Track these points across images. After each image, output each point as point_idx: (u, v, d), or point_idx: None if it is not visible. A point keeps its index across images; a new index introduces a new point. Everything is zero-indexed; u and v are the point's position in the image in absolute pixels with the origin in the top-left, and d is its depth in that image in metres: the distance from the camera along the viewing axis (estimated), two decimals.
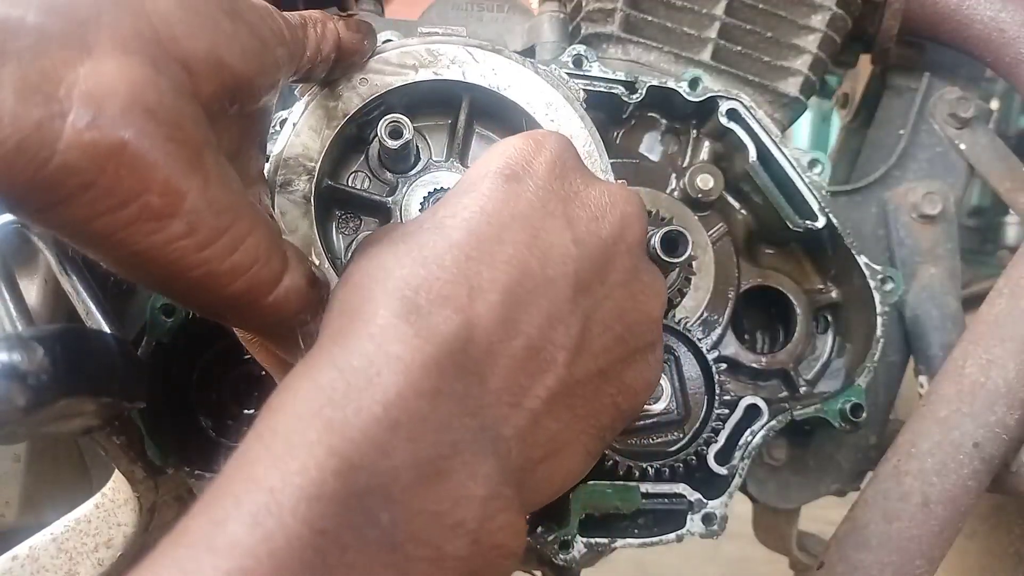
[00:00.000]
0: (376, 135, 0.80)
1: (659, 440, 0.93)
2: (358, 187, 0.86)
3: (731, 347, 1.03)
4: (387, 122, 0.79)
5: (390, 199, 0.84)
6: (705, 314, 1.01)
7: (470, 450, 0.53)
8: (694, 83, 0.98)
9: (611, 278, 0.64)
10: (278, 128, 0.85)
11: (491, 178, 0.62)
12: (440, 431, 0.52)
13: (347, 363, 0.52)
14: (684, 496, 0.92)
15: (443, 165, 0.85)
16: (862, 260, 1.01)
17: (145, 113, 0.48)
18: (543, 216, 0.61)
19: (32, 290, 0.78)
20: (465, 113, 0.86)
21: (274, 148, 0.80)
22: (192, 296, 0.55)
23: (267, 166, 0.78)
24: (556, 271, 0.60)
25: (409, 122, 0.79)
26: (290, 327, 0.62)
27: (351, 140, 0.85)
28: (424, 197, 0.82)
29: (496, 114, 0.87)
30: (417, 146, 0.86)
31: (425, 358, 0.53)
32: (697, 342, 0.94)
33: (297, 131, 0.80)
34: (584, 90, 0.93)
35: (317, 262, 0.77)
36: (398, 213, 0.83)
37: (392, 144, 0.79)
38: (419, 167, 0.86)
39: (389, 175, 0.86)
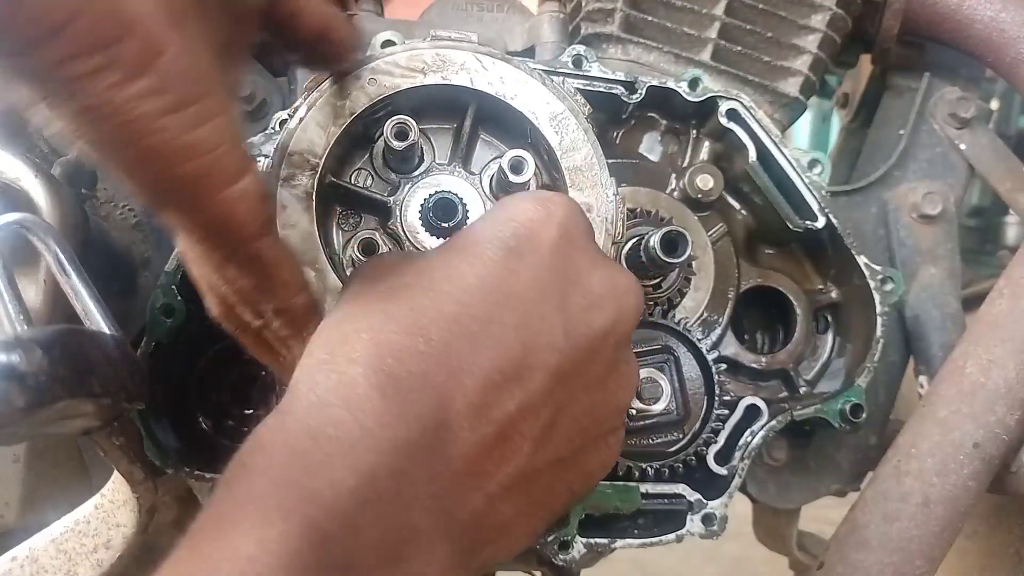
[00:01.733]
0: (382, 135, 0.81)
1: (659, 440, 0.93)
2: (360, 185, 0.86)
3: (731, 347, 1.03)
4: (394, 123, 0.80)
5: (391, 199, 0.84)
6: (705, 314, 1.01)
7: (428, 534, 0.53)
8: (694, 83, 0.98)
9: (591, 372, 0.63)
10: (278, 128, 0.85)
11: (494, 247, 0.60)
12: (403, 513, 0.52)
13: (323, 431, 0.52)
14: (684, 496, 0.92)
15: (446, 169, 0.86)
16: (862, 260, 1.00)
17: None
18: (539, 299, 0.60)
19: (32, 291, 0.78)
20: (471, 119, 0.87)
21: (278, 142, 0.80)
22: (140, 168, 0.52)
23: (271, 159, 0.79)
24: (539, 361, 0.59)
25: (415, 124, 0.80)
26: (232, 243, 0.59)
27: (356, 138, 0.85)
28: (424, 199, 0.82)
29: (501, 122, 0.88)
30: (421, 148, 0.86)
31: (396, 438, 0.53)
32: (697, 342, 0.94)
33: (304, 126, 0.80)
34: (584, 90, 0.93)
35: (315, 257, 0.77)
36: (398, 213, 0.83)
37: (397, 145, 0.80)
38: (422, 169, 0.86)
39: (392, 175, 0.86)
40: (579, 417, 0.63)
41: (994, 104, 2.04)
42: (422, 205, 0.82)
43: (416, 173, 0.86)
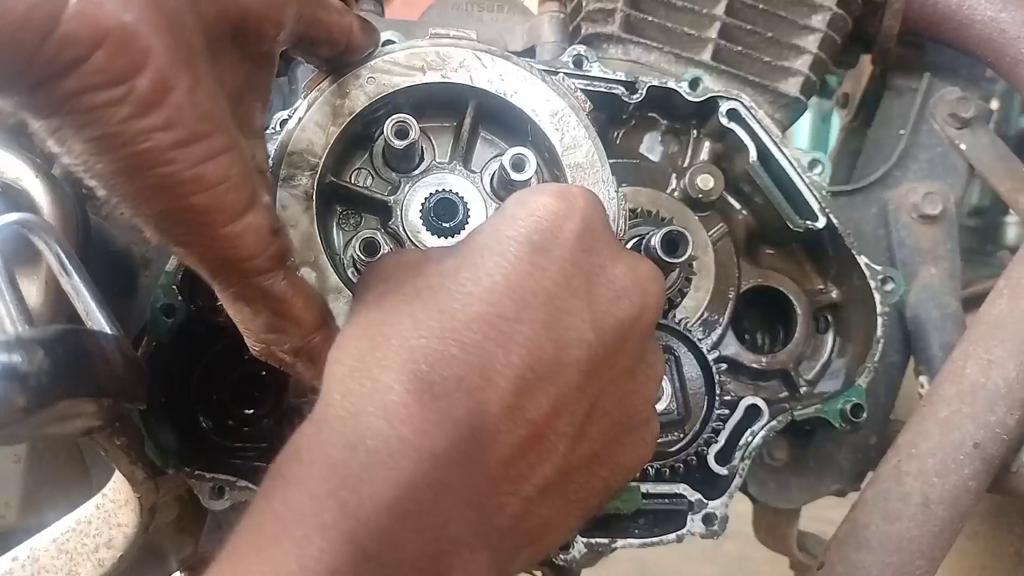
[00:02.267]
0: (382, 134, 0.80)
1: (660, 440, 0.93)
2: (360, 184, 0.86)
3: (731, 347, 1.03)
4: (393, 122, 0.79)
5: (392, 198, 0.84)
6: (705, 314, 1.01)
7: (468, 544, 0.53)
8: (694, 83, 0.98)
9: (620, 363, 0.63)
10: (278, 128, 0.85)
11: (518, 245, 0.60)
12: (442, 524, 0.52)
13: (360, 442, 0.52)
14: (684, 496, 0.92)
15: (446, 167, 0.85)
16: (862, 260, 1.00)
17: (148, 1, 0.49)
18: (565, 294, 0.59)
19: (33, 291, 0.78)
20: (471, 117, 0.86)
21: (278, 142, 0.80)
22: (148, 199, 0.53)
23: (270, 159, 0.79)
24: (570, 356, 0.58)
25: (415, 123, 0.80)
26: (240, 279, 0.60)
27: (356, 137, 0.85)
28: (425, 198, 0.82)
29: (502, 120, 0.87)
30: (422, 146, 0.86)
31: (435, 447, 0.52)
32: (697, 342, 0.94)
33: (302, 126, 0.80)
34: (584, 90, 0.93)
35: (316, 257, 0.77)
36: (399, 212, 0.83)
37: (398, 144, 0.79)
38: (422, 168, 0.85)
39: (392, 174, 0.86)
40: (611, 410, 0.63)
41: (994, 104, 2.04)
42: (423, 204, 0.82)
43: (416, 172, 0.85)
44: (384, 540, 0.49)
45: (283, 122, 0.82)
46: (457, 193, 0.83)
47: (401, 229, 0.82)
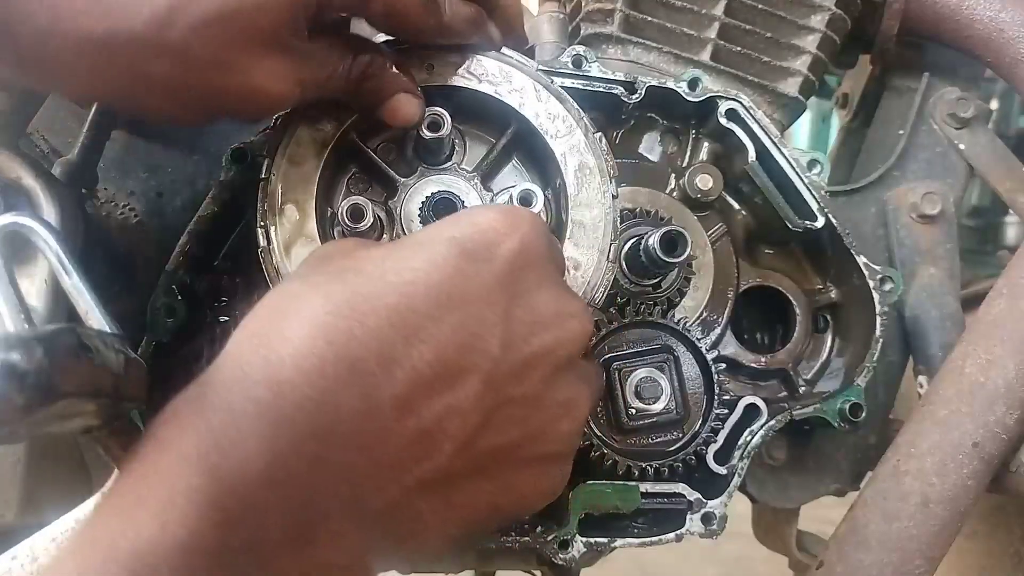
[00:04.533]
0: None
1: (658, 440, 0.93)
2: (382, 157, 0.87)
3: (730, 347, 1.03)
4: (429, 113, 0.82)
5: (404, 180, 0.86)
6: (704, 314, 1.01)
7: (338, 519, 0.54)
8: (693, 83, 0.98)
9: (525, 386, 0.62)
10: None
11: (449, 247, 0.61)
12: (314, 497, 0.52)
13: (240, 408, 0.52)
14: (684, 496, 0.92)
15: (467, 175, 0.87)
16: (861, 260, 1.01)
17: None
18: (482, 305, 0.60)
19: (32, 290, 0.78)
20: (507, 139, 0.89)
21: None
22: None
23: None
24: (471, 364, 0.59)
25: (449, 120, 0.82)
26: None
27: None
28: (431, 193, 0.83)
29: (535, 155, 0.90)
30: (453, 144, 0.88)
31: (315, 424, 0.53)
32: (696, 342, 0.94)
33: None
34: (584, 90, 0.93)
35: (306, 200, 0.80)
36: (403, 196, 0.85)
37: (427, 135, 0.82)
38: (446, 165, 0.88)
39: (415, 160, 0.88)
40: (509, 431, 0.62)
41: (994, 104, 2.04)
42: (426, 198, 0.83)
43: (439, 167, 0.87)
44: (250, 506, 0.50)
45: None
46: (463, 201, 0.84)
47: (398, 212, 0.84)
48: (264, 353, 0.54)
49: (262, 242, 0.80)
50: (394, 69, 0.80)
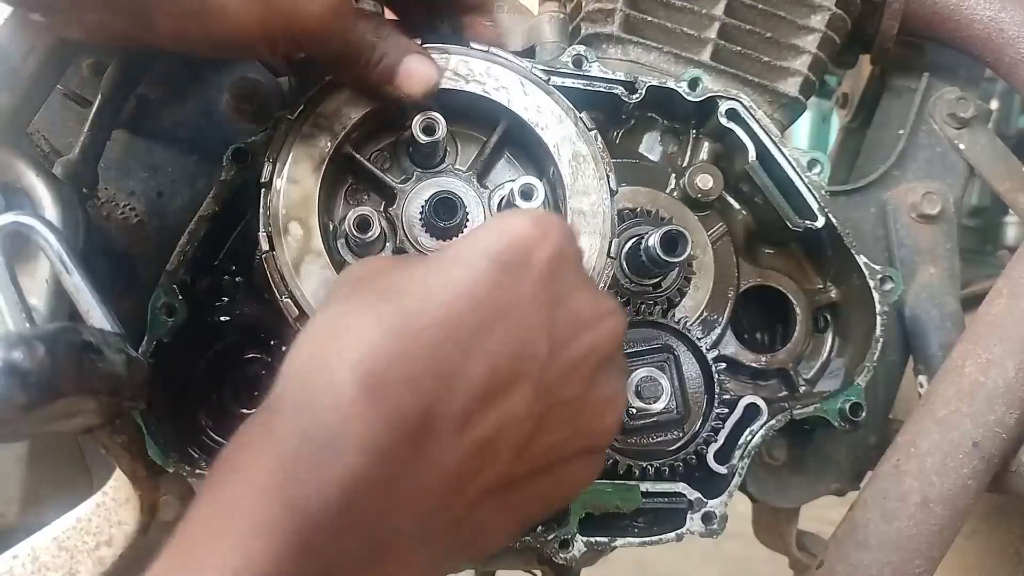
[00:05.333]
0: (411, 124, 0.83)
1: (659, 439, 0.93)
2: (377, 165, 0.88)
3: (731, 347, 1.04)
4: (423, 117, 0.82)
5: (401, 187, 0.86)
6: (705, 314, 1.01)
7: (408, 537, 0.55)
8: (694, 83, 0.99)
9: (572, 386, 0.64)
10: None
11: (488, 260, 0.62)
12: (386, 518, 0.54)
13: (310, 435, 0.53)
14: (684, 495, 0.92)
15: (462, 175, 0.87)
16: (861, 260, 1.01)
17: None
18: (527, 313, 0.61)
19: (34, 289, 0.78)
20: (498, 135, 0.89)
21: (310, 94, 0.83)
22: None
23: (293, 114, 0.82)
24: (523, 371, 0.60)
25: (444, 123, 0.82)
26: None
27: (387, 121, 0.87)
28: (426, 200, 0.83)
29: (527, 148, 0.90)
30: (445, 147, 0.88)
31: (383, 443, 0.54)
32: (697, 342, 0.94)
33: (341, 91, 0.83)
34: (584, 90, 0.94)
35: (308, 216, 0.80)
36: (402, 202, 0.86)
37: (423, 139, 0.82)
38: (441, 168, 0.88)
39: (410, 165, 0.89)
40: (559, 427, 0.64)
41: (994, 104, 2.04)
42: (426, 200, 0.83)
43: (433, 169, 0.88)
44: (328, 533, 0.51)
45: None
46: (461, 199, 0.84)
47: (399, 218, 0.84)
48: (326, 377, 0.55)
49: (264, 246, 0.80)
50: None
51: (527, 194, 0.82)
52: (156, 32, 0.70)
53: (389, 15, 0.91)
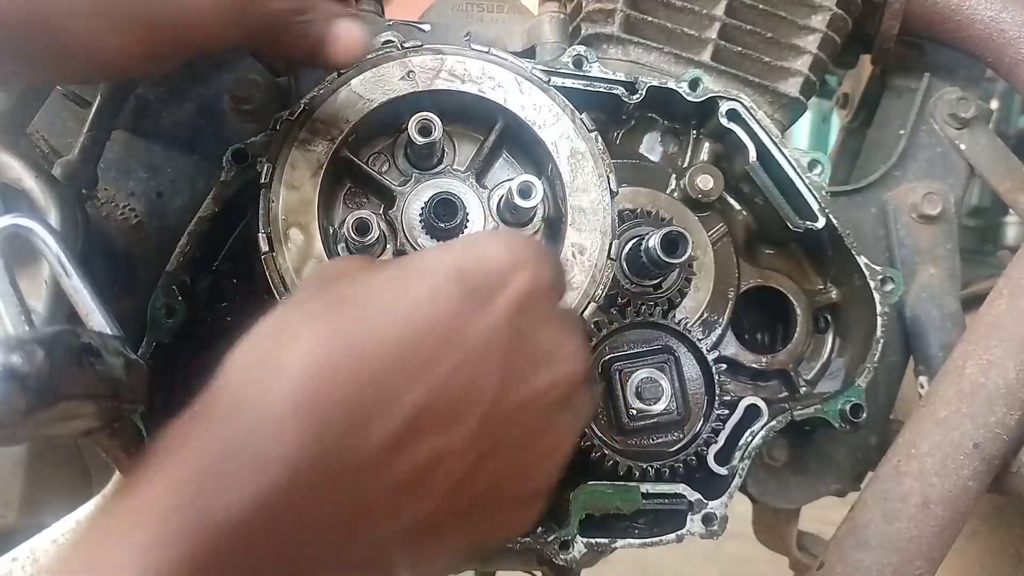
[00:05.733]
0: (407, 126, 0.83)
1: (659, 440, 0.93)
2: (375, 169, 0.88)
3: (731, 347, 1.03)
4: (418, 119, 0.82)
5: (400, 189, 0.86)
6: (705, 314, 1.01)
7: (329, 565, 0.53)
8: (694, 84, 0.98)
9: (518, 430, 0.61)
10: (278, 128, 0.85)
11: (453, 280, 0.58)
12: (305, 540, 0.51)
13: (234, 447, 0.50)
14: (684, 496, 0.92)
15: (460, 175, 0.87)
16: (862, 260, 1.01)
17: None
18: (484, 347, 0.58)
19: (33, 291, 0.78)
20: (496, 135, 0.89)
21: (307, 99, 0.83)
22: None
23: (298, 111, 0.82)
24: (469, 407, 0.57)
25: (440, 124, 0.82)
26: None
27: (383, 123, 0.87)
28: (426, 201, 0.83)
29: (525, 146, 0.90)
30: (443, 148, 0.88)
31: (311, 465, 0.51)
32: (697, 342, 0.94)
33: (336, 96, 0.83)
34: (584, 91, 0.94)
35: (309, 221, 0.81)
36: (402, 204, 0.86)
37: (419, 140, 0.82)
38: (439, 169, 0.88)
39: (408, 167, 0.88)
40: (498, 473, 0.61)
41: (994, 104, 2.04)
42: (425, 202, 0.83)
43: (432, 170, 0.87)
44: (239, 553, 0.48)
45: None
46: (461, 199, 0.84)
47: (399, 220, 0.84)
48: (260, 388, 0.53)
49: (264, 247, 0.80)
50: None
51: (525, 192, 0.82)
52: (59, 73, 0.71)
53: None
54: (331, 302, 0.58)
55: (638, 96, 0.97)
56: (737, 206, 1.07)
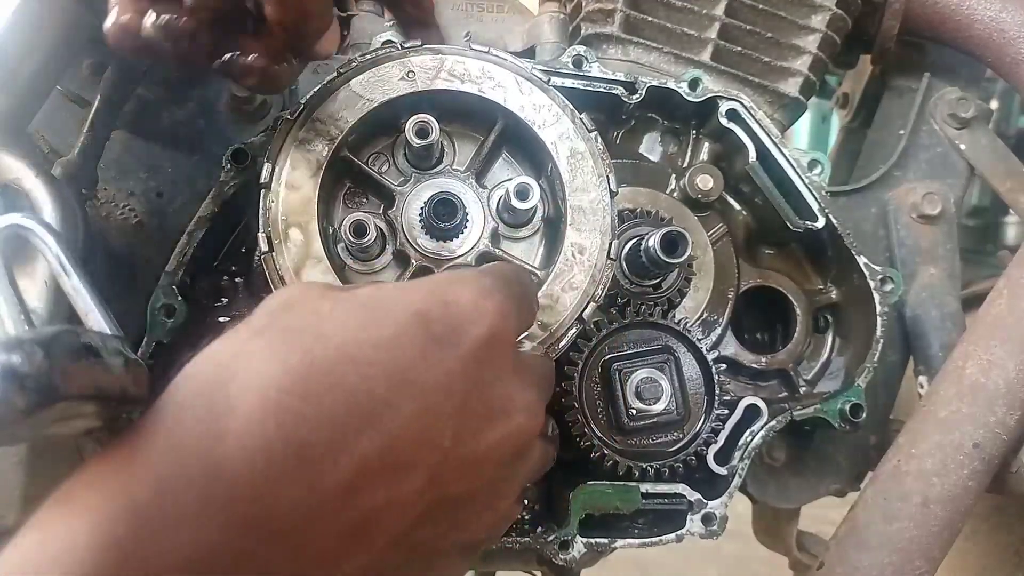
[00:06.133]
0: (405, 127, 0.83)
1: (659, 440, 0.93)
2: (375, 169, 0.88)
3: (731, 347, 1.03)
4: (416, 121, 0.82)
5: (400, 189, 0.86)
6: (705, 314, 1.01)
7: None
8: (694, 83, 0.98)
9: (467, 482, 0.61)
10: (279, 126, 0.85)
11: (415, 324, 0.57)
12: None
13: (170, 486, 0.48)
14: (684, 496, 0.92)
15: (460, 175, 0.87)
16: (862, 260, 1.01)
17: None
18: (441, 397, 0.56)
19: (32, 291, 0.78)
20: (496, 135, 0.89)
21: (307, 98, 0.83)
22: None
23: (292, 112, 0.82)
24: (420, 458, 0.56)
25: (437, 124, 0.82)
26: None
27: (384, 123, 0.87)
28: (425, 201, 0.83)
29: (525, 146, 0.90)
30: (442, 148, 0.88)
31: (252, 514, 0.49)
32: (697, 342, 0.94)
33: (335, 96, 0.83)
34: (584, 90, 0.94)
35: (308, 222, 0.81)
36: (401, 204, 0.86)
37: (416, 142, 0.82)
38: (438, 169, 0.88)
39: (408, 167, 0.89)
40: (441, 524, 0.61)
41: (994, 104, 2.04)
42: (425, 202, 0.83)
43: (432, 170, 0.88)
44: None
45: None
46: (461, 200, 0.84)
47: (399, 220, 0.84)
48: (206, 424, 0.50)
49: (263, 247, 0.80)
50: None
51: (523, 194, 0.82)
52: None
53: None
54: (286, 333, 0.55)
55: (638, 96, 0.97)
56: (737, 206, 1.07)
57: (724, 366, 0.98)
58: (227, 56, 0.70)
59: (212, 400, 0.51)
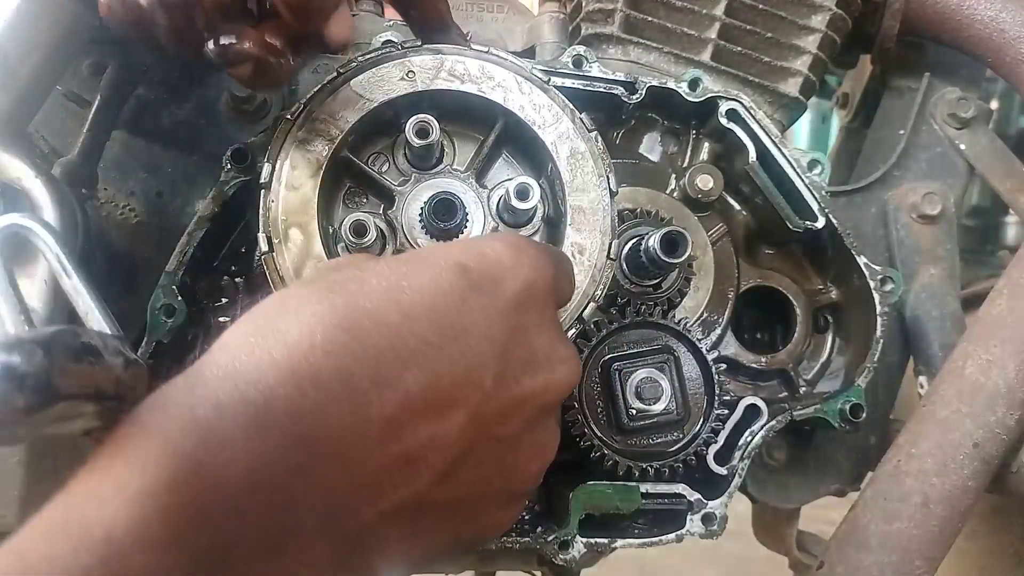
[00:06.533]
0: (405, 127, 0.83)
1: (659, 440, 0.93)
2: (375, 169, 0.88)
3: (731, 347, 1.03)
4: (416, 121, 0.82)
5: (400, 189, 0.86)
6: (705, 314, 1.01)
7: (310, 533, 0.53)
8: (694, 83, 0.98)
9: (508, 426, 0.62)
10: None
11: (456, 272, 0.60)
12: (292, 508, 0.52)
13: (230, 408, 0.51)
14: (684, 496, 0.92)
15: (460, 175, 0.88)
16: (862, 260, 1.01)
17: None
18: (482, 340, 0.59)
19: (32, 291, 0.78)
20: (496, 134, 0.89)
21: (309, 96, 0.83)
22: None
23: (291, 113, 0.82)
24: (462, 398, 0.58)
25: (437, 124, 0.82)
26: None
27: (384, 123, 0.88)
28: (425, 201, 0.83)
29: (524, 146, 0.90)
30: (442, 148, 0.88)
31: (303, 432, 0.52)
32: (697, 342, 0.94)
33: (336, 95, 0.83)
34: (584, 90, 0.94)
35: (308, 222, 0.81)
36: (402, 204, 0.86)
37: (416, 142, 0.82)
38: (438, 169, 0.88)
39: (408, 167, 0.89)
40: (485, 467, 0.62)
41: (994, 104, 2.04)
42: (425, 202, 0.84)
43: (432, 170, 0.88)
44: (229, 508, 0.49)
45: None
46: (461, 200, 0.84)
47: (399, 220, 0.84)
48: (260, 353, 0.53)
49: (264, 247, 0.80)
50: None
51: (522, 194, 0.82)
52: None
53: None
54: (333, 284, 0.59)
55: (638, 96, 0.97)
56: (737, 206, 1.07)
57: (724, 366, 0.98)
58: (223, 40, 0.70)
59: (265, 334, 0.54)
